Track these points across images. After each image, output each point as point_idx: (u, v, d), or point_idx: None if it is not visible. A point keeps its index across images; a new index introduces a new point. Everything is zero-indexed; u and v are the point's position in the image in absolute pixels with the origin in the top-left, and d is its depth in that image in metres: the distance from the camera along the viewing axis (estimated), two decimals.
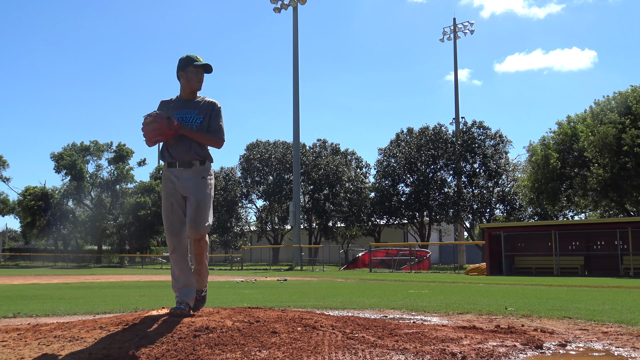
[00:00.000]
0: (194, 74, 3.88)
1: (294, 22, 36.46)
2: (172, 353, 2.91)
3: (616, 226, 21.77)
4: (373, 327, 3.74)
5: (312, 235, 47.78)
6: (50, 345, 3.12)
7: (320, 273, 24.39)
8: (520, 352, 3.36)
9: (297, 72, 35.65)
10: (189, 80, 3.89)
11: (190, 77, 3.88)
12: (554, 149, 28.62)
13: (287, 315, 3.79)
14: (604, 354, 3.45)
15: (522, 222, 36.12)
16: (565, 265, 22.51)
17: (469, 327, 4.23)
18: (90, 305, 6.82)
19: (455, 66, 45.52)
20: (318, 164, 45.79)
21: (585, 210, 37.99)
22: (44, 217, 49.28)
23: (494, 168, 38.22)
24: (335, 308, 6.34)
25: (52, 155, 48.99)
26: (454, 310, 6.02)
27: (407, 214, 40.22)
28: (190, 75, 3.88)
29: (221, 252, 53.86)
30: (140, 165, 52.14)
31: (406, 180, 40.63)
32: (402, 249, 31.20)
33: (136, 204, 47.42)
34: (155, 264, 45.47)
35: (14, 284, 14.00)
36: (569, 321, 5.06)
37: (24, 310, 6.08)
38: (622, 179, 25.63)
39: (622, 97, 27.06)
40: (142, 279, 17.59)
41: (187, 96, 3.93)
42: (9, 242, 70.23)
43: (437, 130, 39.95)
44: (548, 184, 28.42)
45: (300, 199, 37.77)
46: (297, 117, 35.26)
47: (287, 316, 3.76)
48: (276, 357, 2.89)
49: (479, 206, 38.47)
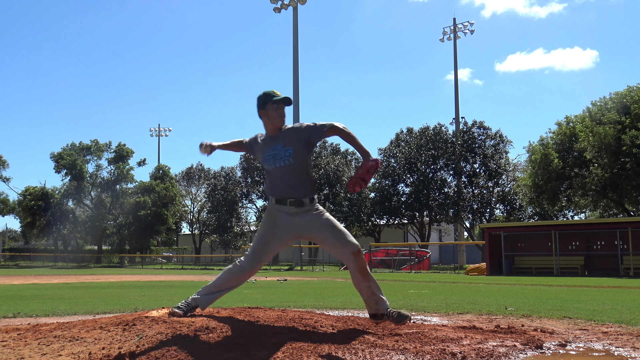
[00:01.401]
0: (274, 111, 3.79)
1: (294, 22, 36.47)
2: (172, 353, 2.91)
3: (616, 226, 21.77)
4: (373, 327, 3.74)
5: None
6: (50, 345, 3.12)
7: (320, 273, 24.38)
8: (520, 352, 3.36)
9: (297, 72, 35.68)
10: (271, 118, 3.79)
11: (272, 115, 3.79)
12: (553, 149, 28.63)
13: (287, 315, 3.79)
14: (604, 354, 3.45)
15: (522, 222, 36.14)
16: (565, 265, 22.52)
17: (469, 327, 4.23)
18: (90, 305, 6.82)
19: (455, 66, 45.57)
20: (318, 164, 45.82)
21: (585, 210, 38.01)
22: (44, 217, 49.28)
23: (494, 168, 38.23)
24: (335, 308, 6.34)
25: (52, 155, 49.02)
26: (454, 310, 6.02)
27: (407, 214, 40.24)
28: (271, 113, 3.78)
29: (221, 252, 53.86)
30: (140, 165, 52.20)
31: (406, 180, 40.65)
32: (402, 249, 31.22)
33: (136, 204, 47.42)
34: (155, 264, 45.49)
35: (14, 284, 14.00)
36: (569, 321, 5.06)
37: (24, 310, 6.08)
38: (621, 179, 25.64)
39: (619, 97, 27.10)
40: (142, 279, 17.60)
41: (271, 132, 3.85)
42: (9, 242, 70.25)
43: (437, 130, 39.97)
44: (548, 184, 28.44)
45: None
46: (297, 117, 35.29)
47: (287, 316, 3.76)
48: (276, 357, 2.90)
49: (479, 206, 38.48)
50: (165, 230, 50.99)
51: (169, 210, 48.74)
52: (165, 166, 52.36)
